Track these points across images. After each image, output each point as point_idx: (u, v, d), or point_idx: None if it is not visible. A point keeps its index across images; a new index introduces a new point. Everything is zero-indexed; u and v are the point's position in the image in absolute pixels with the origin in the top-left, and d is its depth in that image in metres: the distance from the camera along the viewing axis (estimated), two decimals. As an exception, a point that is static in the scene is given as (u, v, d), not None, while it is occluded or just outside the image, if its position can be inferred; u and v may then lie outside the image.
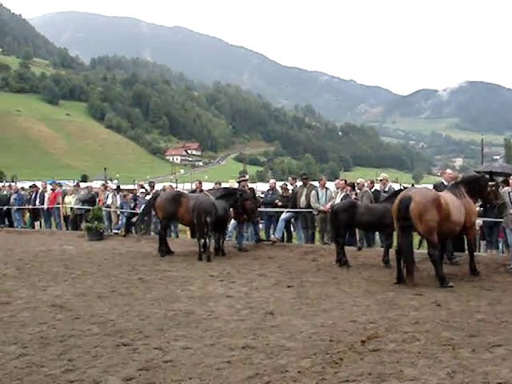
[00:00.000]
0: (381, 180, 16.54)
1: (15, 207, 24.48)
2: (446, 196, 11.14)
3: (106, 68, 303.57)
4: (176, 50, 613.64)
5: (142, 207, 18.55)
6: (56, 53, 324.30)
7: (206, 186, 22.77)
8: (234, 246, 16.81)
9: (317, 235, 17.52)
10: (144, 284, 11.18)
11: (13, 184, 32.56)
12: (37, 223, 24.72)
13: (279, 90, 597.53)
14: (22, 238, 21.22)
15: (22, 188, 27.00)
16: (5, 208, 24.78)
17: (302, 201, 16.92)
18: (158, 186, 24.58)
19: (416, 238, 13.22)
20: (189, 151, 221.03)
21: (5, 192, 25.56)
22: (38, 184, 26.08)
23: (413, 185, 31.93)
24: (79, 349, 6.74)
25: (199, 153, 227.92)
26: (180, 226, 19.72)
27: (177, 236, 19.92)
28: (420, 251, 14.30)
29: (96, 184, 31.44)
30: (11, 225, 24.85)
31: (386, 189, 15.93)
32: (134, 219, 20.85)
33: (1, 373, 5.94)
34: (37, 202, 23.86)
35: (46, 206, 23.61)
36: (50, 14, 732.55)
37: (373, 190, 16.14)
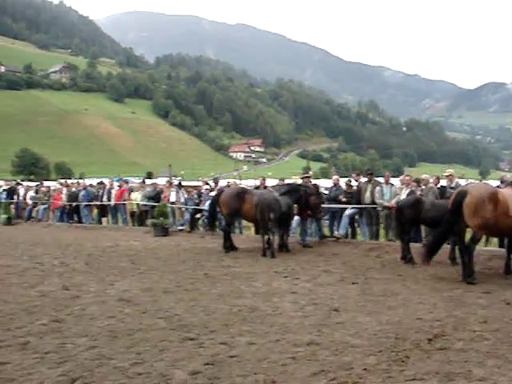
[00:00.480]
0: (447, 176, 16.19)
1: (84, 203, 25.12)
2: (507, 191, 10.89)
3: (170, 66, 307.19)
4: (239, 48, 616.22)
5: (207, 204, 18.73)
6: (121, 52, 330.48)
7: (270, 182, 22.82)
8: (298, 242, 16.79)
9: (381, 232, 17.35)
10: (209, 279, 11.26)
11: (81, 181, 33.42)
12: (104, 219, 25.26)
13: (342, 85, 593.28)
14: (90, 234, 21.74)
15: (90, 185, 27.64)
16: (74, 204, 25.45)
17: (367, 197, 16.77)
18: (222, 183, 24.73)
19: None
20: (252, 148, 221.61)
21: (74, 189, 26.26)
22: (105, 181, 26.69)
23: (480, 180, 31.14)
24: (147, 342, 6.84)
25: (262, 149, 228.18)
26: (244, 222, 19.79)
27: (241, 232, 20.03)
28: (487, 248, 14.05)
29: (161, 181, 31.89)
30: (80, 220, 25.50)
31: (453, 185, 15.59)
32: (198, 215, 21.12)
33: (72, 364, 6.09)
34: (104, 199, 24.40)
35: (112, 203, 24.13)
36: (115, 15, 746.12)
37: (438, 185, 15.88)
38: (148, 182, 30.15)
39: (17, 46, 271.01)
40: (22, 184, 32.67)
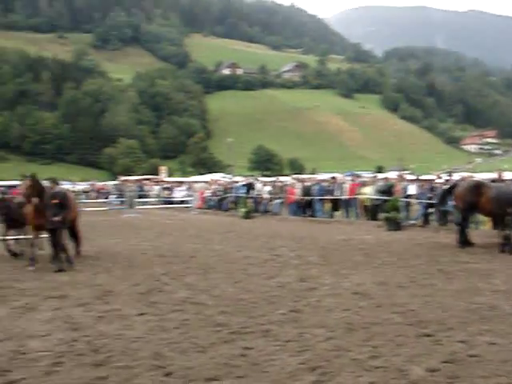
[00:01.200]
0: None
1: (317, 198, 25.77)
2: None
3: (398, 59, 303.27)
4: (470, 35, 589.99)
5: (439, 197, 18.34)
6: (350, 48, 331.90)
7: (507, 175, 21.68)
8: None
9: None
10: (444, 275, 10.99)
11: (313, 176, 34.36)
12: (336, 213, 25.66)
13: None
14: (323, 227, 22.23)
15: (323, 180, 28.27)
16: (307, 198, 26.23)
17: None
18: (455, 176, 23.98)
19: None
20: (485, 139, 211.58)
21: (308, 183, 27.11)
22: (337, 176, 27.18)
23: None
24: (383, 336, 6.87)
25: (497, 141, 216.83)
26: (480, 217, 19.00)
27: (477, 227, 19.26)
28: None
29: (392, 175, 31.68)
30: (313, 214, 26.18)
31: None
32: (432, 210, 20.71)
33: (311, 353, 6.31)
34: (337, 193, 24.82)
35: (345, 197, 24.45)
36: (343, 12, 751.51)
37: None
38: (379, 176, 30.15)
39: (252, 48, 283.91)
40: (258, 179, 34.31)
